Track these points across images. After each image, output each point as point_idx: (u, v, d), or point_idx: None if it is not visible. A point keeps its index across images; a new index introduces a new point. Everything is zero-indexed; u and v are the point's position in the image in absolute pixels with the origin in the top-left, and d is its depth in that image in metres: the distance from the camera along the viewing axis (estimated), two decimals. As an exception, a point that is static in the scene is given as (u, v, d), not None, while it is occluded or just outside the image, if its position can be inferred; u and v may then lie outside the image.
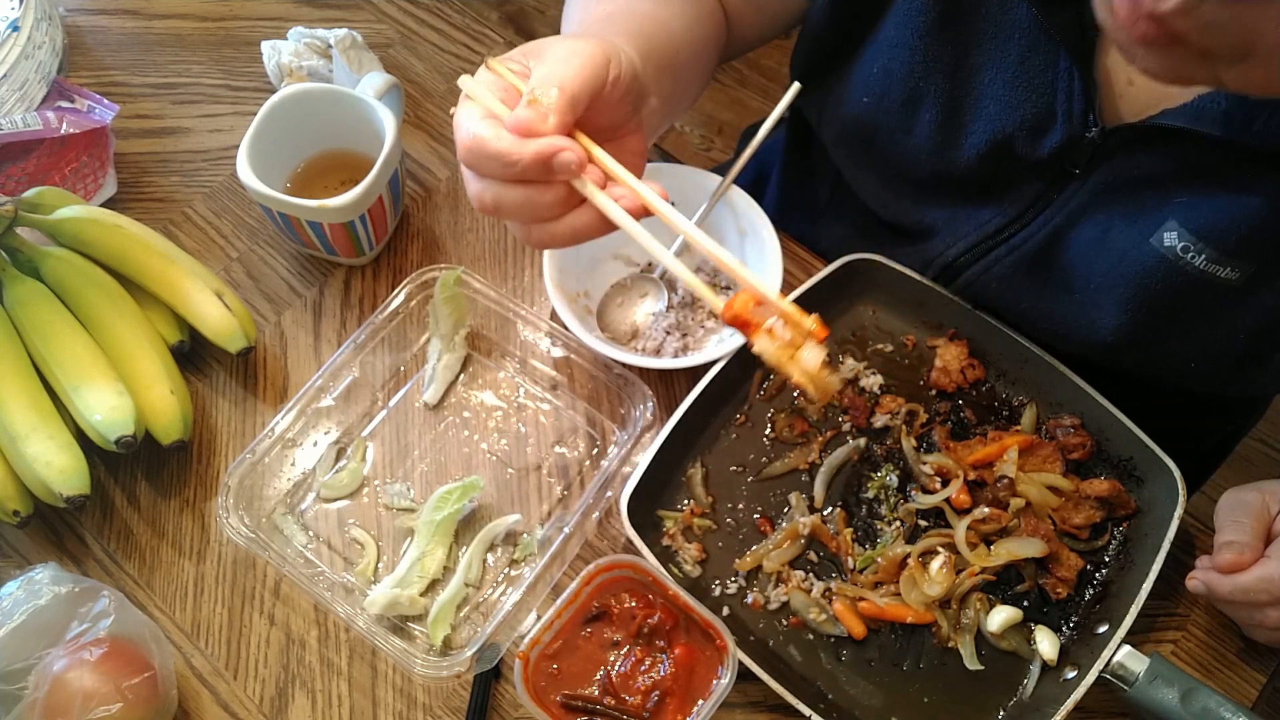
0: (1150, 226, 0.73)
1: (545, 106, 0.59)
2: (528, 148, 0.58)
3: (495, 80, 0.63)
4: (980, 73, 0.77)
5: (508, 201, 0.61)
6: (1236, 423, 1.13)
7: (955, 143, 0.80)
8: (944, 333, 0.90)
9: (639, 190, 0.61)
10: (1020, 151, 0.77)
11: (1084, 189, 0.76)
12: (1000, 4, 0.73)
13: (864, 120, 0.84)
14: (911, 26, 0.77)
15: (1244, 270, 0.71)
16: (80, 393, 0.78)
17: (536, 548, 0.81)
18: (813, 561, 0.82)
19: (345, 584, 0.80)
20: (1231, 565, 0.75)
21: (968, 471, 0.83)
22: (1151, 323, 0.77)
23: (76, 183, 0.95)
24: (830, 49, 0.85)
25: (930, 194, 0.86)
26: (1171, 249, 0.72)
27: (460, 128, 0.61)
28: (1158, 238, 0.73)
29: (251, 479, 0.81)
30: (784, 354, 0.58)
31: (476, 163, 0.61)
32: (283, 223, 0.88)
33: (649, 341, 0.88)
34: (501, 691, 0.78)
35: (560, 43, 0.63)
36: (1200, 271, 0.72)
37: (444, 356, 0.88)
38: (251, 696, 0.78)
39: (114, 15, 1.10)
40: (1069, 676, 0.75)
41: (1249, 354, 0.78)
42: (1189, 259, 0.72)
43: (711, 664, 0.72)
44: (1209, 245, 0.70)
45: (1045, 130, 0.75)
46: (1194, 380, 0.83)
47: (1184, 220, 0.71)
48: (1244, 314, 0.75)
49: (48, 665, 0.69)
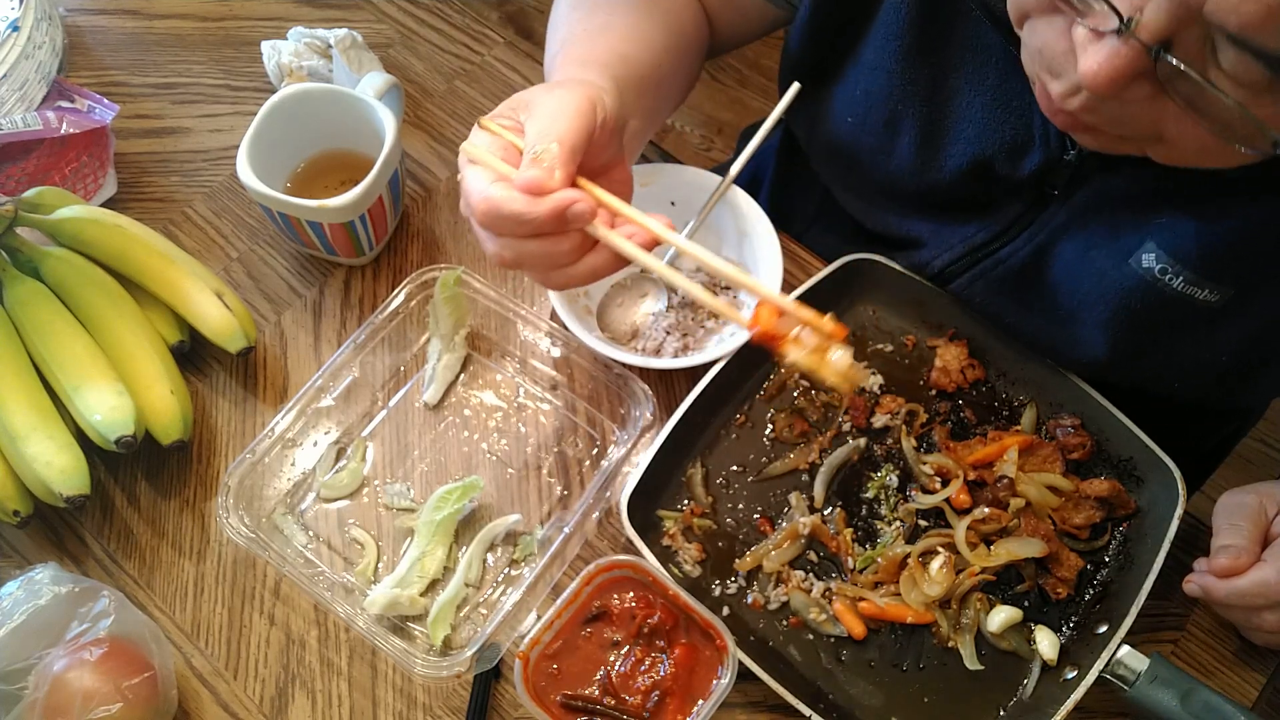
0: (1129, 247, 0.73)
1: (550, 162, 0.61)
2: (542, 205, 0.61)
3: (492, 139, 0.66)
4: (958, 96, 0.77)
5: (527, 255, 0.64)
6: (1236, 423, 1.13)
7: (936, 164, 0.81)
8: (944, 333, 0.90)
9: (648, 224, 0.64)
10: (1001, 172, 0.77)
11: (1064, 209, 0.77)
12: (975, 30, 0.74)
13: (848, 139, 0.86)
14: (889, 50, 0.78)
15: (1222, 292, 0.71)
16: (80, 393, 0.78)
17: (536, 548, 0.81)
18: (813, 561, 0.82)
19: (345, 584, 0.80)
20: (1227, 569, 0.75)
21: (968, 471, 0.83)
22: (1133, 341, 0.78)
23: (76, 183, 0.95)
24: (813, 67, 0.86)
25: (915, 210, 0.87)
26: (1150, 270, 0.72)
27: (472, 193, 0.63)
28: (1136, 259, 0.73)
29: (251, 479, 0.81)
30: (815, 360, 0.61)
31: (493, 224, 0.63)
32: (283, 223, 0.88)
33: (649, 341, 0.88)
34: (501, 691, 0.78)
35: (546, 96, 0.66)
36: (1179, 293, 0.72)
37: (444, 356, 0.89)
38: (251, 696, 0.78)
39: (114, 15, 1.10)
40: (1069, 676, 0.75)
41: (1232, 372, 0.79)
42: (1167, 280, 0.72)
43: (711, 664, 0.72)
44: (1186, 267, 0.71)
45: (1024, 152, 0.75)
46: (1179, 395, 0.83)
47: (1162, 242, 0.72)
48: (1225, 334, 0.75)
49: (48, 665, 0.69)
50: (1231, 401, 0.85)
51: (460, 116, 1.04)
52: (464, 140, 0.66)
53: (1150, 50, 0.52)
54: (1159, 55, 0.52)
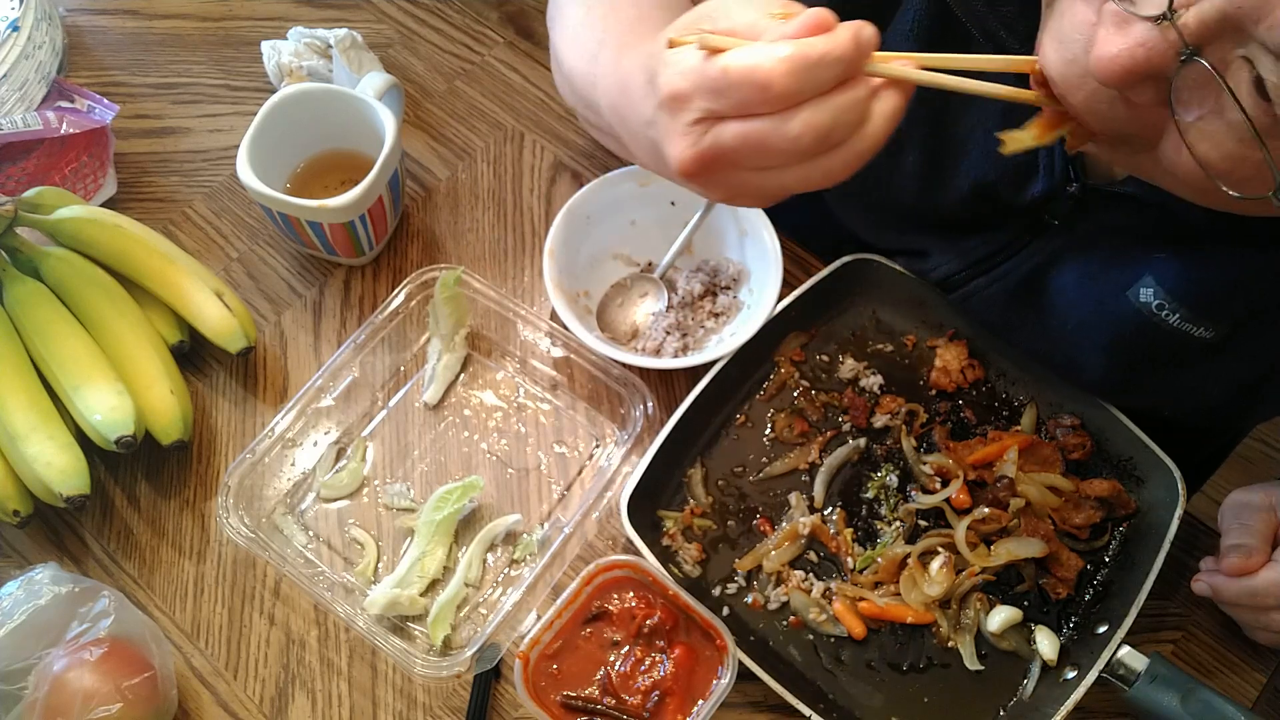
0: (1128, 280, 0.73)
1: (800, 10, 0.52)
2: (841, 36, 0.50)
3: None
4: (963, 121, 0.77)
5: (836, 122, 0.51)
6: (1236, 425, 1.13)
7: (939, 186, 0.80)
8: (944, 333, 0.90)
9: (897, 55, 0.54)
10: (1004, 198, 0.77)
11: (1063, 238, 0.77)
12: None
13: None
14: None
15: (1218, 331, 0.71)
16: (80, 393, 0.78)
17: (536, 548, 0.81)
18: (813, 561, 0.82)
19: (345, 584, 0.80)
20: (1239, 568, 0.75)
21: (968, 471, 0.83)
22: (1130, 369, 0.78)
23: (76, 183, 0.95)
24: None
25: (916, 226, 0.87)
26: (1147, 305, 0.72)
27: (757, 69, 0.50)
28: (1134, 292, 0.73)
29: (251, 479, 0.81)
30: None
31: (801, 87, 0.50)
32: (283, 223, 0.88)
33: (649, 341, 0.88)
34: (501, 691, 0.78)
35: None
36: (1174, 329, 0.72)
37: (444, 356, 0.88)
38: (251, 696, 0.78)
39: (114, 15, 1.10)
40: (1069, 676, 0.75)
41: (1230, 402, 0.79)
42: (1163, 316, 0.72)
43: (711, 664, 0.72)
44: (1182, 305, 0.71)
45: (1027, 181, 0.75)
46: (1175, 421, 0.84)
47: (1159, 278, 0.72)
48: (1221, 369, 0.75)
49: (48, 665, 0.69)
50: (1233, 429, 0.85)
51: (460, 116, 1.04)
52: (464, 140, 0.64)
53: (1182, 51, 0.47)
54: (1190, 57, 0.47)
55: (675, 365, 0.84)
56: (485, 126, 1.03)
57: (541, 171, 1.01)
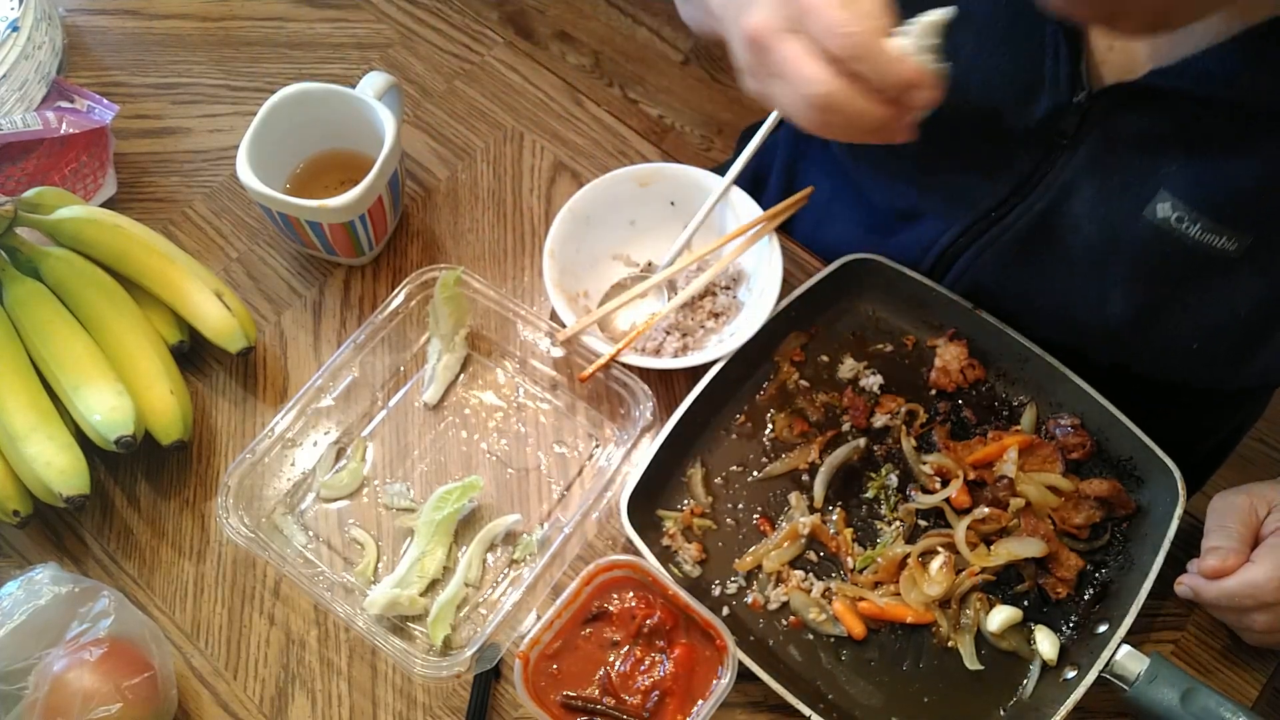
0: (1143, 198, 0.72)
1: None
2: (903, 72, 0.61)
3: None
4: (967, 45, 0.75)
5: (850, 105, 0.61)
6: (1236, 422, 1.13)
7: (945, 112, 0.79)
8: (944, 333, 0.90)
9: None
10: (1009, 123, 0.76)
11: (1073, 162, 0.76)
12: None
13: None
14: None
15: (1241, 240, 0.70)
16: (80, 393, 0.78)
17: (536, 548, 0.81)
18: (813, 561, 0.82)
19: (345, 584, 0.80)
20: (1215, 570, 0.75)
21: (968, 471, 0.83)
22: (1150, 299, 0.76)
23: (76, 183, 0.95)
24: None
25: (925, 173, 0.86)
26: (1165, 220, 0.71)
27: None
28: (1150, 209, 0.72)
29: (251, 479, 0.81)
30: None
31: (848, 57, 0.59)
32: (283, 223, 0.88)
33: (649, 341, 0.88)
34: (501, 691, 0.78)
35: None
36: (1196, 242, 0.70)
37: (444, 356, 0.89)
38: (251, 696, 0.78)
39: (114, 15, 1.10)
40: (1069, 676, 0.75)
41: (1253, 330, 0.78)
42: (1184, 229, 0.70)
43: (711, 664, 0.72)
44: (1203, 214, 0.69)
45: (1033, 97, 0.74)
46: (1197, 366, 0.82)
47: (1176, 189, 0.70)
48: (1244, 287, 0.74)
49: (48, 665, 0.69)
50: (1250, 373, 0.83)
51: (460, 116, 1.04)
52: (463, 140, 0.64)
53: None
54: None
55: (675, 365, 0.85)
56: (485, 126, 1.03)
57: (541, 171, 1.01)
